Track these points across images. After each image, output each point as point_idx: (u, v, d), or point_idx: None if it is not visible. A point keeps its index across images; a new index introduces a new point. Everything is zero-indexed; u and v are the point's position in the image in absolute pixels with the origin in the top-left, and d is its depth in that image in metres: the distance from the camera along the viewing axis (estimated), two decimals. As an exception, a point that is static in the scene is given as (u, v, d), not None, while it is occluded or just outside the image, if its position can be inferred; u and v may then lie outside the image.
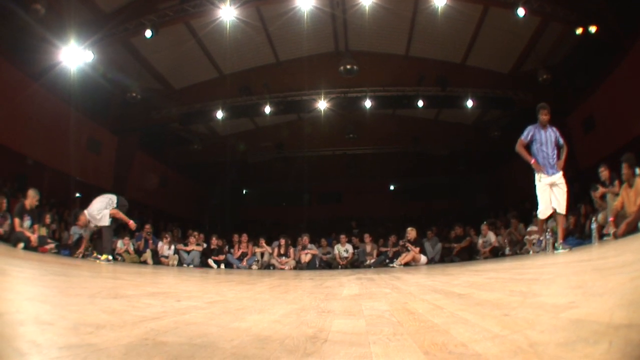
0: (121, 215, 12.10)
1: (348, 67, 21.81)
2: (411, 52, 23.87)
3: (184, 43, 21.01)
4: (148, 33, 18.10)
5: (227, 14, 18.20)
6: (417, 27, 21.66)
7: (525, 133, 10.94)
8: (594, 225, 11.90)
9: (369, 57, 23.37)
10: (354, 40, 23.69)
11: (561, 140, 10.79)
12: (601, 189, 12.84)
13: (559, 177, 10.62)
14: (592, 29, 16.96)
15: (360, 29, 21.89)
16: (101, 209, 12.20)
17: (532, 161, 10.66)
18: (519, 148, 11.05)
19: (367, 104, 23.96)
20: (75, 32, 17.64)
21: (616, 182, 12.25)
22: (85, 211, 12.43)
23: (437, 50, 23.17)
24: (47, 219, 15.64)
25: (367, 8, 18.86)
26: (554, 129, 10.80)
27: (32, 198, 12.86)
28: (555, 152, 10.76)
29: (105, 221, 12.02)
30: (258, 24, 20.78)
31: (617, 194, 11.64)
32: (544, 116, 10.73)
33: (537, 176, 10.73)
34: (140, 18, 18.28)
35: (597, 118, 20.56)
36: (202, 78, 25.04)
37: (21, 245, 11.91)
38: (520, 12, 17.41)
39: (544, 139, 10.67)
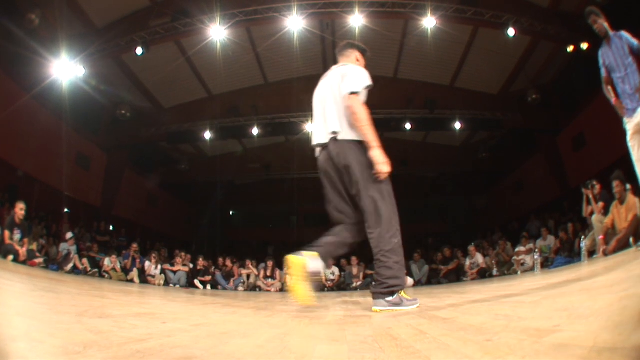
0: None
1: (336, 89, 21.83)
2: (399, 75, 24.04)
3: (174, 62, 21.06)
4: (139, 50, 18.19)
5: (217, 34, 18.29)
6: (405, 49, 21.84)
7: (600, 63, 7.63)
8: (583, 244, 11.85)
9: (358, 79, 23.31)
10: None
11: (636, 43, 7.10)
12: (590, 207, 12.69)
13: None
14: (584, 45, 17.06)
15: (348, 52, 21.95)
16: None
17: (613, 100, 7.47)
18: (604, 88, 7.66)
19: (355, 126, 23.73)
20: (67, 45, 17.70)
21: (601, 204, 12.16)
22: None
23: (425, 72, 23.38)
24: (37, 233, 15.63)
25: (356, 30, 18.91)
26: (621, 34, 7.35)
27: (19, 210, 12.86)
28: (635, 69, 7.07)
29: None
30: (247, 44, 20.92)
31: (605, 214, 11.62)
32: (595, 23, 7.47)
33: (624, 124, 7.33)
34: (131, 35, 18.36)
35: (587, 135, 20.63)
36: (191, 98, 25.09)
37: (10, 257, 11.91)
38: (511, 32, 17.55)
39: (612, 60, 7.37)
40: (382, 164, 4.91)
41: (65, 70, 18.16)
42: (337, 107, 5.40)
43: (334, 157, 5.30)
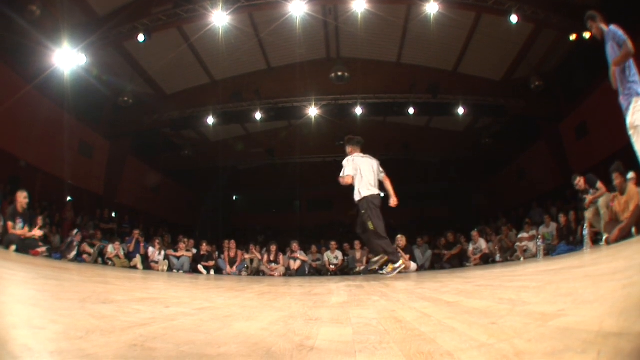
0: None
1: (339, 74, 21.83)
2: (403, 59, 23.96)
3: (177, 48, 21.00)
4: (141, 37, 18.15)
5: (219, 20, 18.19)
6: (409, 34, 21.73)
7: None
8: (585, 231, 11.81)
9: (361, 64, 23.37)
10: (345, 47, 23.77)
11: (619, 33, 7.29)
12: (589, 198, 12.62)
13: (631, 110, 7.07)
14: (587, 35, 16.98)
15: (352, 36, 21.95)
16: None
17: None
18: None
19: (358, 111, 24.06)
20: (69, 34, 17.67)
21: (599, 184, 12.14)
22: None
23: (429, 57, 23.28)
24: (39, 222, 15.63)
25: (359, 15, 18.91)
26: (609, 30, 7.49)
27: (22, 199, 12.85)
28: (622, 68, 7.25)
29: None
30: (250, 30, 20.83)
31: (600, 196, 11.61)
32: (592, 28, 7.79)
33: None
34: (133, 22, 18.31)
35: (590, 124, 20.59)
36: (193, 83, 25.07)
37: (13, 247, 11.90)
38: (514, 19, 17.46)
39: (609, 58, 7.47)
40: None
41: (67, 59, 18.15)
42: (377, 178, 10.69)
43: (373, 200, 10.36)
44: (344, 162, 10.91)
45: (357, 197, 10.57)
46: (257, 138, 30.24)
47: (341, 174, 10.75)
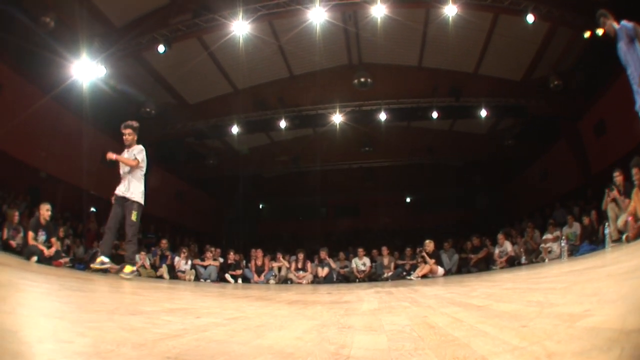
0: None
1: (362, 80, 21.86)
2: (424, 63, 23.89)
3: (197, 58, 21.08)
4: (161, 48, 18.28)
5: (240, 29, 18.25)
6: (428, 38, 21.68)
7: (622, 62, 7.73)
8: (607, 230, 11.73)
9: (383, 69, 23.37)
10: (366, 53, 23.77)
11: (630, 26, 7.48)
12: (611, 194, 12.44)
13: None
14: (600, 31, 16.88)
15: (372, 42, 21.92)
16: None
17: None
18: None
19: (382, 116, 23.95)
20: (87, 46, 17.77)
21: (625, 199, 11.94)
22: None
23: (449, 60, 23.19)
24: (61, 233, 15.70)
25: (378, 20, 18.86)
26: (621, 25, 7.62)
27: (45, 211, 12.92)
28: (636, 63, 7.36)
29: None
30: (271, 38, 20.88)
31: (624, 206, 11.44)
32: (604, 25, 8.02)
33: None
34: (152, 33, 18.41)
35: (608, 122, 20.40)
36: (216, 93, 25.15)
37: (34, 258, 11.94)
38: (530, 18, 17.38)
39: (622, 57, 7.62)
40: None
41: (86, 71, 18.28)
42: None
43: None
44: (141, 152, 10.21)
45: (139, 195, 9.96)
46: (282, 146, 30.30)
47: (139, 159, 10.02)
